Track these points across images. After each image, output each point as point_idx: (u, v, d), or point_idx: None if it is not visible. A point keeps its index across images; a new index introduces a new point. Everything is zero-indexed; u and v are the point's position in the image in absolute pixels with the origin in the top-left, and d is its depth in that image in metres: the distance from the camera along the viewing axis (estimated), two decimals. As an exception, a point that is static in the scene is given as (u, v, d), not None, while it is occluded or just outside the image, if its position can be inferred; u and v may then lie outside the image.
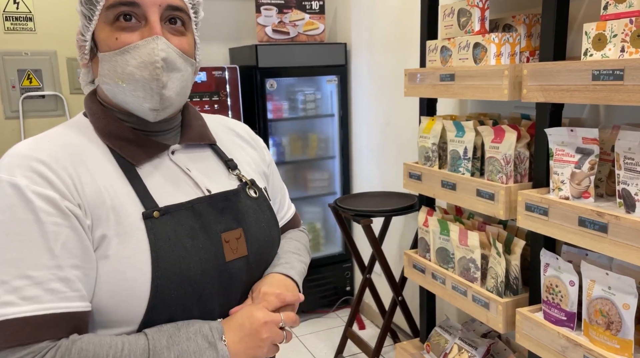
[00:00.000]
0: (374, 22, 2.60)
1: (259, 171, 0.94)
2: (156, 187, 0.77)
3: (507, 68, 1.33)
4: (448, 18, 1.61)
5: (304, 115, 2.97)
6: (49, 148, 0.73)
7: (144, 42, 0.73)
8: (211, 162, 0.87)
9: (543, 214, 1.26)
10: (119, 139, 0.78)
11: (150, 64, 0.73)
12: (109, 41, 0.74)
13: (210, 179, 0.84)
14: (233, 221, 0.81)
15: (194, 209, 0.78)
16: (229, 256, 0.79)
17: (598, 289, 1.15)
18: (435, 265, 1.72)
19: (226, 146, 0.91)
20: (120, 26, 0.74)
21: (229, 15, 3.00)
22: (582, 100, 1.14)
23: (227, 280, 0.79)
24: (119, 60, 0.74)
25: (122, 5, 0.73)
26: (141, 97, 0.75)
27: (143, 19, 0.74)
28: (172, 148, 0.83)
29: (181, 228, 0.75)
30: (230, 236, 0.80)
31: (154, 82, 0.74)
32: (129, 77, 0.74)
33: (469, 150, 1.55)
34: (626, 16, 1.08)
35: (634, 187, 1.09)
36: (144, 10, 0.74)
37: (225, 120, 0.98)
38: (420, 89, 1.72)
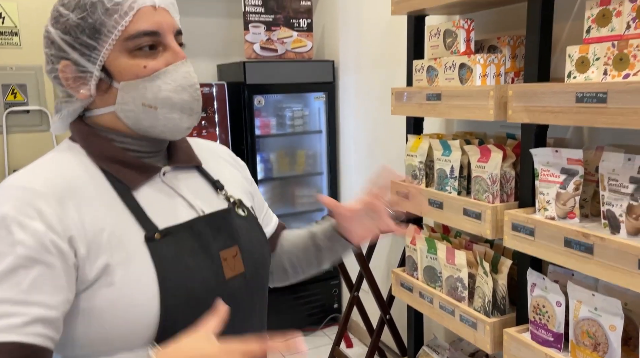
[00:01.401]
0: (362, 40, 2.62)
1: (244, 191, 0.95)
2: (153, 209, 0.77)
3: (493, 89, 1.35)
4: (434, 39, 1.63)
5: (291, 131, 2.97)
6: (45, 178, 0.72)
7: (174, 67, 0.77)
8: (199, 183, 0.87)
9: (529, 235, 1.26)
10: (114, 162, 0.78)
11: (189, 87, 0.78)
12: (135, 70, 0.75)
13: (201, 199, 0.84)
14: (229, 239, 0.82)
15: (192, 229, 0.79)
16: (228, 273, 0.80)
17: (584, 310, 1.15)
18: (423, 283, 1.71)
19: (211, 167, 0.92)
20: (145, 54, 0.75)
21: (217, 32, 3.01)
22: (566, 122, 1.15)
23: (228, 297, 0.79)
24: (148, 86, 0.75)
25: (145, 35, 0.74)
26: (177, 118, 0.78)
27: (161, 45, 0.77)
28: (163, 169, 0.83)
29: (183, 248, 0.76)
30: (228, 254, 0.81)
31: (195, 103, 0.79)
32: (163, 102, 0.76)
33: (456, 169, 1.56)
34: (608, 40, 1.10)
35: (618, 208, 1.10)
36: (163, 37, 0.76)
37: (206, 143, 0.99)
38: (407, 107, 1.73)
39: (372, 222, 0.94)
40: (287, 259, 1.02)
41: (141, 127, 0.78)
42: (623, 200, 1.09)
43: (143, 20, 0.74)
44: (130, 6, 0.73)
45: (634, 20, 1.04)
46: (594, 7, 1.13)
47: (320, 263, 1.01)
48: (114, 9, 0.73)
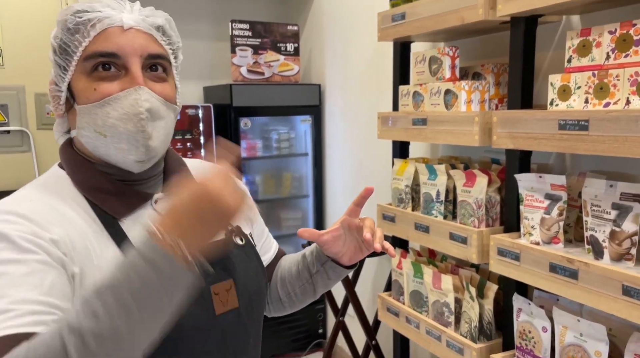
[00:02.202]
0: (348, 65, 2.66)
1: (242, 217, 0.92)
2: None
3: (478, 115, 1.37)
4: (420, 65, 1.65)
5: (277, 154, 2.97)
6: (30, 206, 0.69)
7: (125, 93, 0.71)
8: None
9: (515, 259, 1.27)
10: (99, 192, 0.74)
11: (134, 116, 0.71)
12: (87, 93, 0.71)
13: None
14: (223, 272, 0.78)
15: None
16: (219, 309, 0.75)
17: (570, 335, 1.15)
18: (409, 308, 1.70)
19: None
20: (99, 76, 0.71)
21: (204, 54, 3.02)
22: (549, 148, 1.17)
23: (218, 335, 0.75)
24: (99, 112, 0.71)
25: (100, 56, 0.71)
26: (125, 149, 0.72)
27: (123, 69, 0.72)
28: (155, 196, 0.79)
29: None
30: (220, 288, 0.76)
31: (139, 134, 0.72)
32: (111, 130, 0.71)
33: (442, 193, 1.57)
34: (589, 69, 1.13)
35: (601, 234, 1.11)
36: (125, 60, 0.72)
37: (205, 165, 0.95)
38: (393, 132, 1.75)
39: (356, 241, 0.90)
40: (281, 287, 0.99)
41: (99, 155, 0.75)
42: (606, 226, 1.10)
43: (105, 41, 0.71)
44: (93, 25, 0.71)
45: (613, 51, 1.08)
46: (574, 38, 1.16)
47: (315, 289, 0.97)
48: (75, 29, 0.71)
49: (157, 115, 0.74)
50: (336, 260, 0.92)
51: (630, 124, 0.99)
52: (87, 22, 0.71)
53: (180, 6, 2.94)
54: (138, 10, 0.76)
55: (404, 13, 1.64)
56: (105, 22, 0.71)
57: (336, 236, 0.89)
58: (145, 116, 0.72)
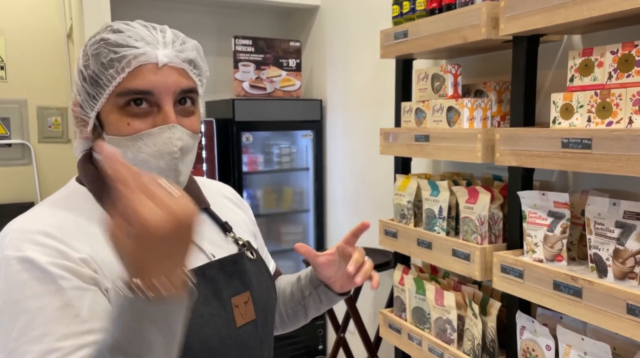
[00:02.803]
0: (349, 81, 2.68)
1: (249, 232, 0.94)
2: None
3: (481, 132, 1.38)
4: (422, 82, 1.67)
5: (279, 168, 2.97)
6: (55, 223, 0.69)
7: (159, 130, 0.72)
8: (208, 226, 0.85)
9: (518, 277, 1.26)
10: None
11: (167, 154, 0.73)
12: (119, 126, 0.72)
13: (211, 243, 0.82)
14: (241, 285, 0.80)
15: (205, 275, 0.76)
16: (239, 321, 0.78)
17: (574, 354, 1.15)
18: (411, 325, 1.69)
19: (219, 208, 0.90)
20: (132, 112, 0.72)
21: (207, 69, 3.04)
22: (553, 166, 1.18)
23: (239, 346, 0.77)
24: (130, 146, 0.72)
25: (135, 93, 0.72)
26: None
27: (155, 105, 0.73)
28: None
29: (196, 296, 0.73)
30: (239, 300, 0.79)
31: (171, 172, 0.74)
32: (141, 164, 0.72)
33: (444, 209, 1.57)
34: (591, 89, 1.14)
35: (605, 252, 1.11)
36: (158, 98, 0.73)
37: (212, 182, 0.97)
38: (396, 148, 1.75)
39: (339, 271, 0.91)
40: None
41: None
42: (609, 244, 1.11)
43: (140, 78, 0.71)
44: (128, 62, 0.71)
45: (615, 70, 1.09)
46: (576, 57, 1.17)
47: (307, 312, 0.98)
48: (110, 64, 0.71)
49: (187, 151, 0.76)
50: (328, 285, 0.93)
51: (633, 143, 1.00)
52: (122, 58, 0.71)
53: (183, 22, 2.97)
54: (171, 44, 0.75)
55: (406, 31, 1.66)
56: (141, 59, 0.71)
57: (331, 261, 0.90)
58: (178, 155, 0.73)
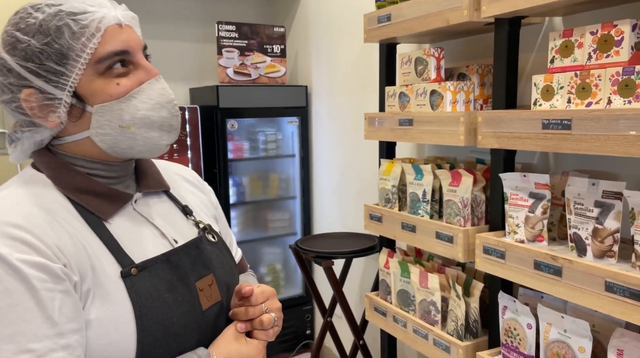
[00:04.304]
0: (334, 66, 2.67)
1: (210, 215, 0.94)
2: (127, 241, 0.74)
3: (463, 115, 1.38)
4: (405, 66, 1.67)
5: (264, 155, 2.97)
6: (21, 211, 0.68)
7: (148, 85, 0.75)
8: (169, 209, 0.85)
9: (500, 258, 1.28)
10: (85, 193, 0.74)
11: (167, 103, 0.77)
12: (109, 89, 0.73)
13: (172, 227, 0.82)
14: (204, 268, 0.81)
15: (170, 261, 0.76)
16: (205, 304, 0.78)
17: (554, 332, 1.17)
18: (397, 307, 1.71)
19: (178, 191, 0.90)
20: (116, 73, 0.73)
21: (190, 56, 3.01)
22: (533, 147, 1.19)
23: (205, 329, 0.78)
24: (124, 107, 0.73)
25: (116, 55, 0.73)
26: (156, 136, 0.76)
27: (131, 64, 0.75)
28: (134, 196, 0.80)
29: (160, 283, 0.73)
30: (204, 283, 0.79)
31: (174, 119, 0.78)
32: (142, 121, 0.74)
33: (428, 193, 1.58)
34: (571, 70, 1.15)
35: (584, 231, 1.13)
36: (133, 55, 0.75)
37: (171, 165, 0.97)
38: (380, 132, 1.76)
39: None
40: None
41: (117, 150, 0.76)
42: (589, 224, 1.12)
43: (111, 40, 0.72)
44: (97, 27, 0.71)
45: (595, 51, 1.10)
46: (557, 39, 1.18)
47: None
48: (80, 32, 0.70)
49: None
50: None
51: (611, 123, 1.01)
52: (91, 23, 0.71)
53: (166, 8, 2.93)
54: (115, 3, 0.77)
55: (389, 14, 1.65)
56: (105, 22, 0.72)
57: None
58: (176, 102, 0.79)
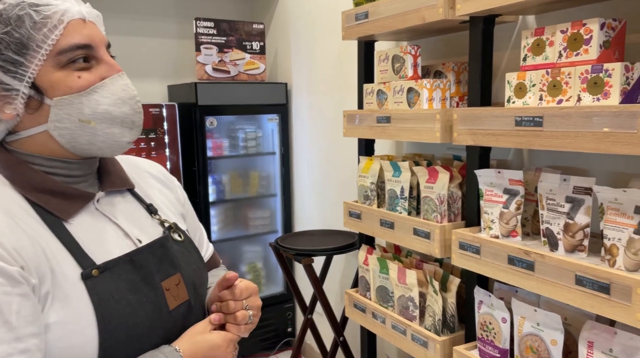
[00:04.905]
0: (314, 64, 2.67)
1: (177, 213, 0.92)
2: (88, 241, 0.73)
3: (439, 112, 1.40)
4: (383, 63, 1.68)
5: (244, 153, 2.95)
6: None
7: (111, 80, 0.74)
8: (133, 208, 0.84)
9: (475, 253, 1.30)
10: (43, 192, 0.72)
11: (129, 99, 0.76)
12: (69, 82, 0.71)
13: (136, 226, 0.81)
14: (170, 268, 0.79)
15: (133, 262, 0.75)
16: (172, 303, 0.77)
17: (528, 325, 1.19)
18: (376, 304, 1.72)
19: (143, 189, 0.88)
20: (78, 67, 0.72)
21: (168, 52, 2.98)
22: (507, 144, 1.21)
23: (173, 328, 0.77)
24: (85, 101, 0.72)
25: (78, 49, 0.72)
26: (117, 133, 0.75)
27: (94, 59, 0.74)
28: (97, 195, 0.78)
29: (123, 284, 0.72)
30: (170, 283, 0.78)
31: (137, 116, 0.77)
32: (102, 116, 0.73)
33: (406, 189, 1.59)
34: (543, 68, 1.17)
35: (556, 226, 1.15)
36: (95, 50, 0.74)
37: (137, 161, 0.95)
38: (359, 130, 1.76)
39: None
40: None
41: (77, 146, 0.74)
42: (560, 219, 1.14)
43: (74, 33, 0.72)
44: (60, 19, 0.70)
45: (565, 49, 1.12)
46: (529, 37, 1.20)
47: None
48: (42, 22, 0.69)
49: None
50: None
51: (580, 120, 1.03)
52: (54, 15, 0.70)
53: (143, 3, 2.89)
54: (83, 3, 0.77)
55: (367, 12, 1.66)
56: (69, 15, 0.72)
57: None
58: (139, 98, 0.77)
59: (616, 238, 1.03)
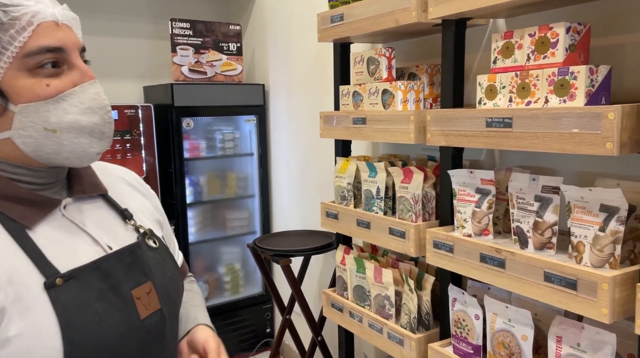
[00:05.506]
0: (291, 65, 2.67)
1: (153, 219, 0.90)
2: (53, 250, 0.70)
3: (413, 114, 1.42)
4: (358, 65, 1.69)
5: (222, 154, 2.94)
6: None
7: (81, 88, 0.71)
8: (105, 214, 0.81)
9: (449, 251, 1.32)
10: (7, 199, 0.69)
11: (99, 109, 0.73)
12: (37, 89, 0.68)
13: (107, 233, 0.78)
14: (141, 276, 0.77)
15: (100, 269, 0.72)
16: (143, 313, 0.74)
17: (500, 322, 1.22)
18: (353, 303, 1.74)
19: (119, 195, 0.86)
20: (47, 73, 0.69)
21: (143, 53, 2.95)
22: (478, 145, 1.23)
23: (144, 338, 0.74)
24: (52, 109, 0.68)
25: (48, 51, 0.68)
26: (85, 143, 0.72)
27: (65, 64, 0.71)
28: (63, 202, 0.75)
29: (89, 292, 0.69)
30: (141, 291, 0.75)
31: (106, 126, 0.74)
32: (70, 126, 0.70)
33: (381, 190, 1.61)
34: (512, 70, 1.20)
35: (526, 225, 1.19)
36: (67, 54, 0.70)
37: (114, 168, 0.92)
38: (335, 131, 1.78)
39: None
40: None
41: (42, 155, 0.71)
42: (530, 217, 1.18)
43: (44, 36, 0.68)
44: (30, 21, 0.67)
45: (533, 52, 1.15)
46: (499, 40, 1.23)
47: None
48: (10, 24, 0.66)
49: None
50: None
51: (548, 121, 1.06)
52: (23, 16, 0.67)
53: (118, 3, 2.86)
54: (56, 2, 0.74)
55: (342, 14, 1.67)
56: (40, 16, 0.69)
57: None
58: (109, 109, 0.74)
59: (582, 235, 1.06)
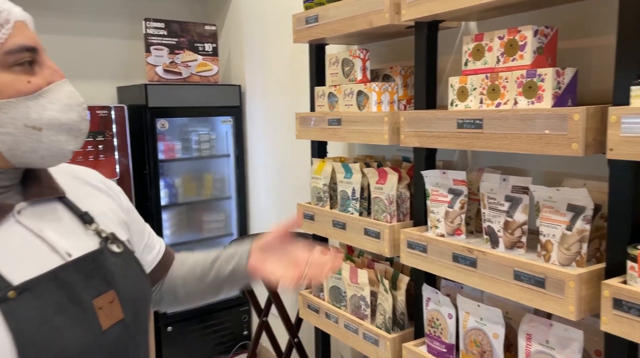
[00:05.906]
0: (267, 66, 2.67)
1: (118, 221, 0.86)
2: (5, 260, 0.66)
3: (387, 115, 1.43)
4: (333, 66, 1.70)
5: (198, 155, 2.91)
6: None
7: (56, 86, 0.72)
8: (64, 218, 0.77)
9: (423, 251, 1.34)
10: None
11: (77, 106, 0.74)
12: (18, 85, 0.68)
13: (67, 239, 0.74)
14: (103, 284, 0.73)
15: (57, 279, 0.68)
16: (105, 323, 0.71)
17: (472, 320, 1.24)
18: (329, 304, 1.74)
19: (77, 197, 0.82)
20: (26, 70, 0.70)
21: (116, 53, 2.90)
22: (450, 145, 1.25)
23: (107, 350, 0.71)
24: (31, 106, 0.69)
25: (26, 50, 0.69)
26: (63, 141, 0.72)
27: (36, 63, 0.72)
28: (17, 207, 0.72)
29: (46, 305, 0.66)
30: (103, 301, 0.72)
31: (83, 124, 0.75)
32: (50, 123, 0.70)
33: (357, 191, 1.62)
34: (482, 72, 1.21)
35: (496, 224, 1.20)
36: (39, 54, 0.72)
37: (71, 168, 0.88)
38: (311, 132, 1.78)
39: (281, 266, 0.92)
40: (182, 286, 0.97)
41: (17, 153, 0.70)
42: (500, 217, 1.20)
43: (20, 34, 0.69)
44: (7, 19, 0.68)
45: (503, 55, 1.17)
46: (470, 42, 1.24)
47: (218, 293, 0.99)
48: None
49: None
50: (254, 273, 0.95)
51: (517, 122, 1.08)
52: (1, 13, 0.68)
53: (91, 3, 2.80)
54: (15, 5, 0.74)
55: (317, 16, 1.67)
56: (13, 15, 0.70)
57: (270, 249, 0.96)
58: (85, 106, 0.75)
59: (551, 234, 1.09)
